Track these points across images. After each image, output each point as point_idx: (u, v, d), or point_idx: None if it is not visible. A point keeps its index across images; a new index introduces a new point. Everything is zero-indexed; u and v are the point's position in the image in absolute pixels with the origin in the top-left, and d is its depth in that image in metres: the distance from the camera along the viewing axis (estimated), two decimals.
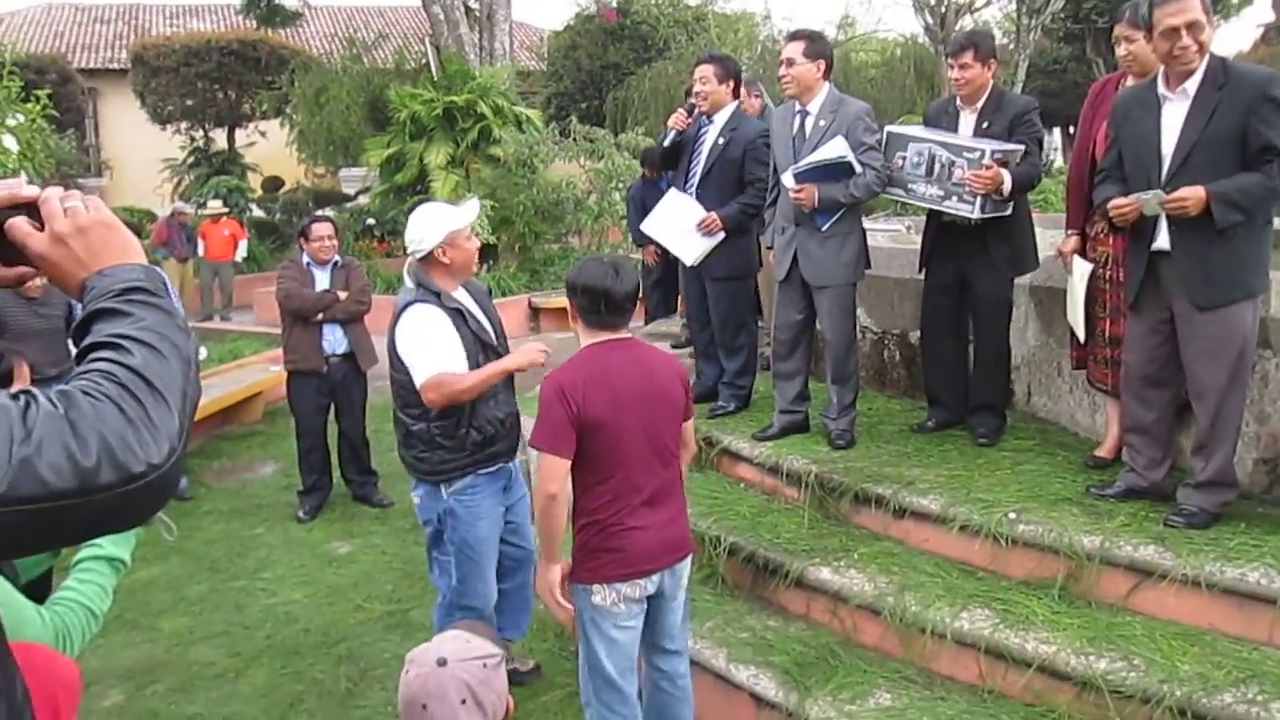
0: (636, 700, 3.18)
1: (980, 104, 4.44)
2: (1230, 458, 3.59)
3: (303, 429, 6.43)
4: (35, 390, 1.08)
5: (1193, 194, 3.39)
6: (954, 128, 4.50)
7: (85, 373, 1.11)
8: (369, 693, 4.18)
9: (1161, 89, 3.56)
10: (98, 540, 2.25)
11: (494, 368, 3.73)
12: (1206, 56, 3.47)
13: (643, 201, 8.38)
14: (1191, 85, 3.47)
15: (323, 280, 6.29)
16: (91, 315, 1.19)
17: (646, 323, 8.38)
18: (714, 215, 4.98)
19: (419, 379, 3.65)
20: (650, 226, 5.26)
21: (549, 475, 2.95)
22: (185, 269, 14.78)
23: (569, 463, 2.95)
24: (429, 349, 3.67)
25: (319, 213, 17.44)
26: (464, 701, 1.91)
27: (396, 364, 3.76)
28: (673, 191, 5.25)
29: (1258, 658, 3.12)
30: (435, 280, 3.77)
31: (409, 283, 3.81)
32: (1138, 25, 3.87)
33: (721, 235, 5.00)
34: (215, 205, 15.75)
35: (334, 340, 6.27)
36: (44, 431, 1.03)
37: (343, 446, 6.57)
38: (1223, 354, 3.49)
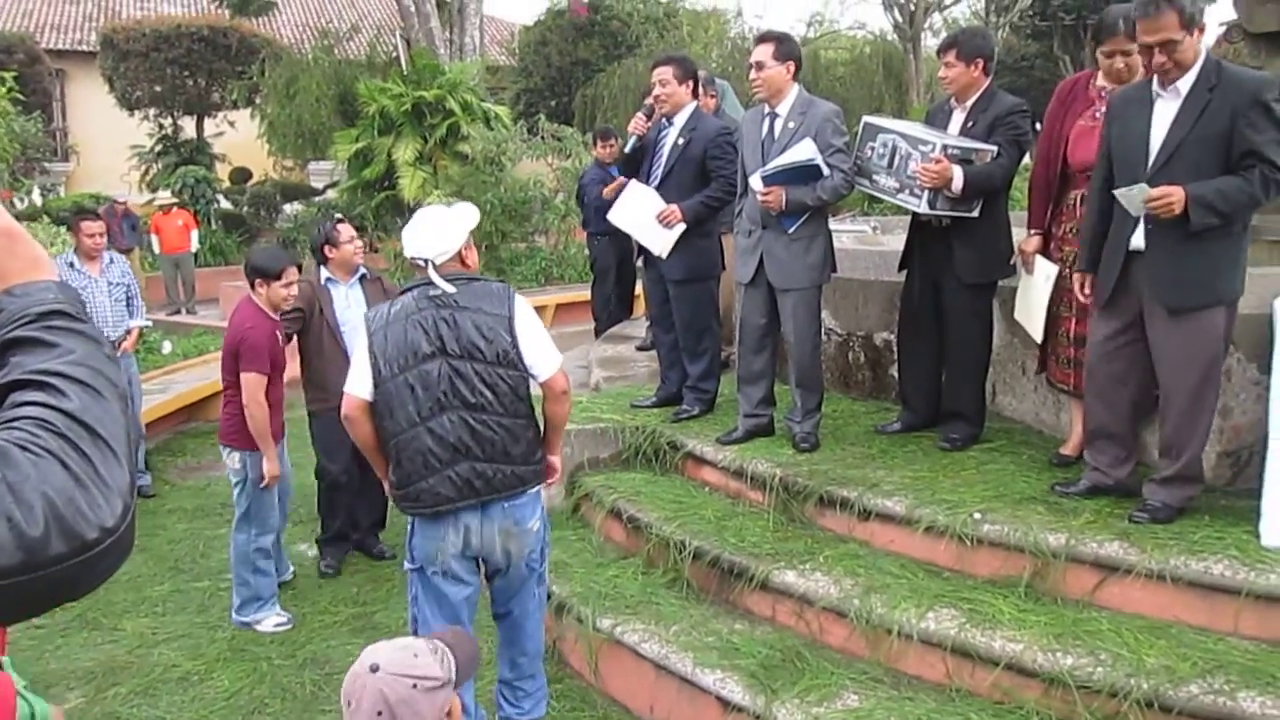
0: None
1: (971, 103, 4.41)
2: (1199, 455, 3.63)
3: (325, 465, 5.35)
4: None
5: (1176, 194, 3.38)
6: (946, 125, 4.48)
7: (14, 421, 0.95)
8: (334, 697, 4.12)
9: (1156, 87, 3.56)
10: None
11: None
12: (1201, 58, 3.47)
13: (591, 187, 8.07)
14: (1184, 84, 3.48)
15: (347, 301, 5.22)
16: (5, 345, 1.01)
17: (602, 329, 8.19)
18: (674, 208, 4.92)
19: (554, 369, 3.37)
20: (617, 217, 5.19)
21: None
22: (130, 260, 14.44)
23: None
24: (549, 338, 3.45)
25: (288, 208, 17.15)
26: (379, 714, 1.87)
27: (515, 359, 3.29)
28: (633, 184, 5.15)
29: (1223, 648, 3.16)
30: None
31: (447, 287, 3.31)
32: (1132, 38, 3.74)
33: (683, 227, 4.94)
34: (165, 196, 15.51)
35: None
36: None
37: (365, 490, 5.40)
38: (1193, 358, 3.50)
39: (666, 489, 4.76)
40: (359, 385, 3.35)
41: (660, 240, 5.02)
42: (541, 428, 3.47)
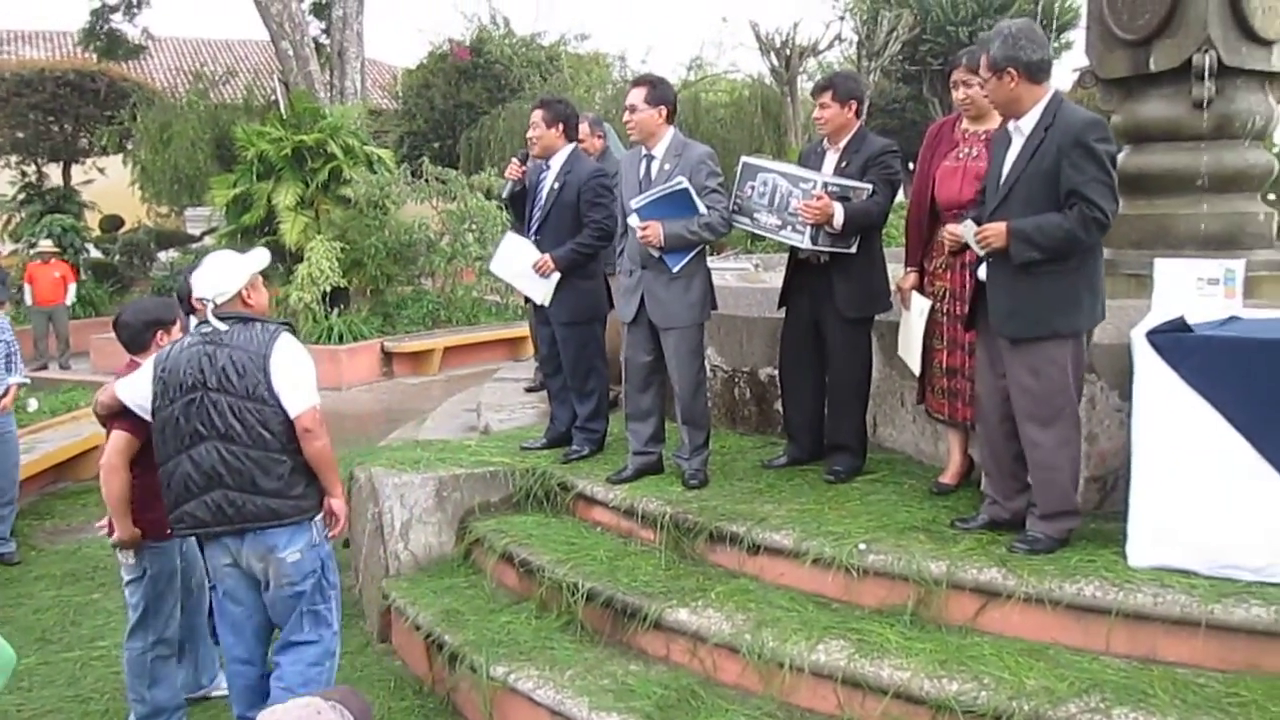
0: None
1: (843, 144, 4.55)
2: (1068, 487, 3.72)
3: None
4: None
5: (994, 229, 3.56)
6: (819, 166, 4.61)
7: None
8: None
9: (1011, 125, 3.74)
10: None
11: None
12: (1044, 100, 3.62)
13: None
14: (1028, 123, 3.64)
15: None
16: None
17: None
18: (546, 258, 5.00)
19: (302, 407, 3.52)
20: (497, 267, 5.34)
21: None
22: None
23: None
24: (310, 380, 3.61)
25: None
26: None
27: (264, 395, 3.50)
28: (509, 235, 5.32)
29: (1098, 667, 3.27)
30: None
31: (219, 325, 3.58)
32: (974, 70, 4.01)
33: (558, 275, 5.02)
34: (46, 245, 14.93)
35: None
36: None
37: None
38: (1036, 389, 3.62)
39: (558, 531, 4.73)
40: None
41: (539, 288, 5.10)
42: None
